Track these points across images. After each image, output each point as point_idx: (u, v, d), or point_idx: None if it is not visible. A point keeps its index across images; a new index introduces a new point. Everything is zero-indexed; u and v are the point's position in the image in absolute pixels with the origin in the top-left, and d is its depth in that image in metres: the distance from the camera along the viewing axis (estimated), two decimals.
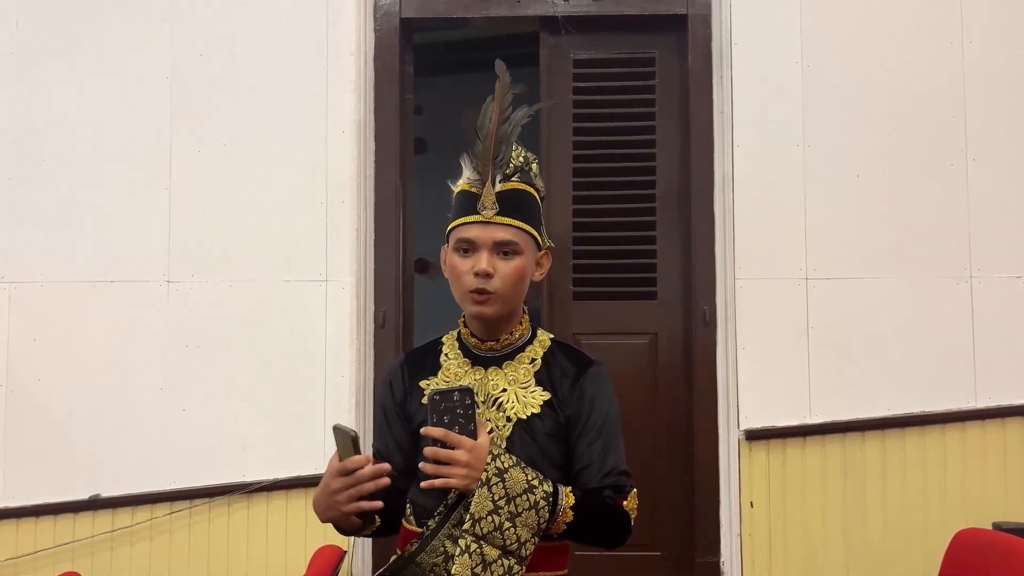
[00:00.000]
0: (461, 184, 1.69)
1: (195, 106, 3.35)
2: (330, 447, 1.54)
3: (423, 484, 1.54)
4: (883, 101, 3.26)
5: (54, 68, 3.38)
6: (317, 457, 3.04)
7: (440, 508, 1.57)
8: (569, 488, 1.60)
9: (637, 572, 3.24)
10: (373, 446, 1.74)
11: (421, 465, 1.54)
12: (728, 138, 3.29)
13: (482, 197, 1.64)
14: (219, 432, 3.23)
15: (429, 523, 1.57)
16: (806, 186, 3.24)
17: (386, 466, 1.51)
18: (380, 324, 3.37)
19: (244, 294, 3.28)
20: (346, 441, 1.47)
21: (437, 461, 1.52)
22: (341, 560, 2.31)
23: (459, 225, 1.66)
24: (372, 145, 3.41)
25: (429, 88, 4.78)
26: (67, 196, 3.34)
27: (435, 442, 1.52)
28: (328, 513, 1.53)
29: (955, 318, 3.20)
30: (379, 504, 1.50)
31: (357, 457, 1.47)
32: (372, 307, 3.37)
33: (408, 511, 1.66)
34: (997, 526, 2.95)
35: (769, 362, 3.19)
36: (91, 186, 3.34)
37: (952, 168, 3.24)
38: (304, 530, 3.16)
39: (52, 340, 3.30)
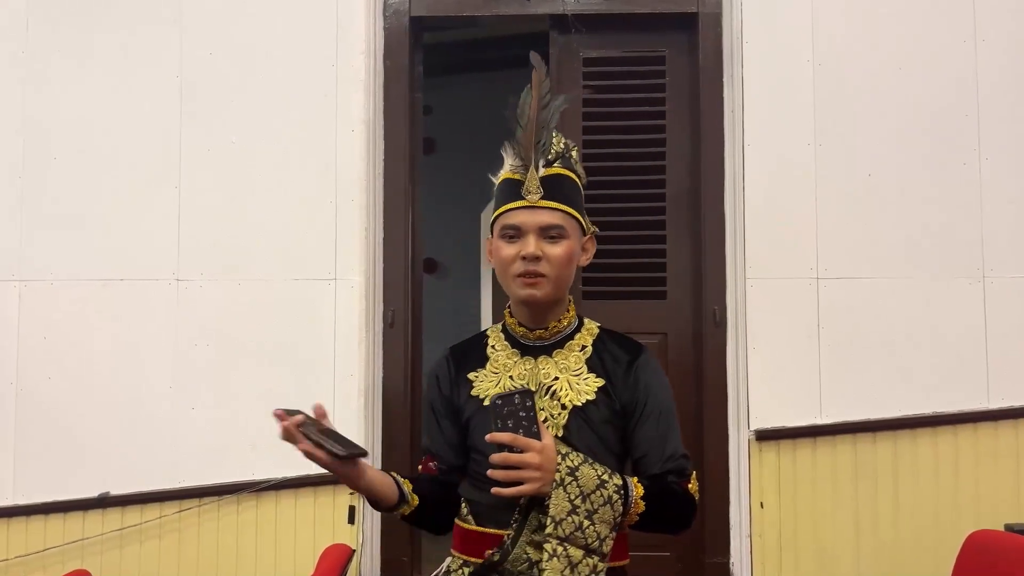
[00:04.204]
0: (504, 173, 1.69)
1: (205, 105, 3.35)
2: None
3: (495, 491, 1.49)
4: (895, 99, 3.24)
5: (64, 68, 3.39)
6: None
7: (515, 516, 1.54)
8: (636, 478, 1.59)
9: (647, 573, 3.22)
10: (423, 443, 1.73)
11: (490, 472, 1.50)
12: (739, 137, 3.27)
13: (526, 182, 1.64)
14: (228, 430, 3.23)
15: (508, 533, 1.54)
16: (817, 185, 3.22)
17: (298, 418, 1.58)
18: (389, 323, 3.37)
19: (253, 293, 3.29)
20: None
21: (507, 466, 1.48)
22: (350, 559, 2.30)
23: (504, 212, 1.65)
24: (381, 144, 3.41)
25: (438, 88, 4.78)
26: (77, 195, 3.35)
27: (500, 448, 1.49)
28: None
29: (967, 318, 3.17)
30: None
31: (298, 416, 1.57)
32: (381, 306, 3.37)
33: (464, 510, 1.63)
34: (1009, 528, 2.92)
35: (780, 362, 3.17)
36: (101, 185, 3.35)
37: (965, 167, 3.22)
38: (313, 529, 3.17)
39: (62, 338, 3.31)
